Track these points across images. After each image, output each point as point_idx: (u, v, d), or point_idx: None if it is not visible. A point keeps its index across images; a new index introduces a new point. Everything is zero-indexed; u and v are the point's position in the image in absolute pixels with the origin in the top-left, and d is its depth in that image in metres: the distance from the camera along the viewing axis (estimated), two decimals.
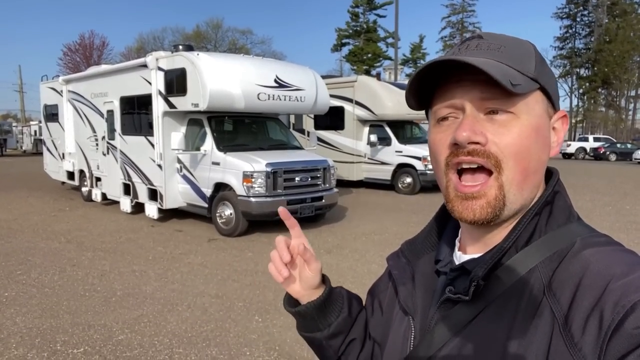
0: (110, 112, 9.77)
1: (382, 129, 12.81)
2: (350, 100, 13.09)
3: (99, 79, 10.25)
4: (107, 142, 10.00)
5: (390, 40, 46.22)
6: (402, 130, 13.15)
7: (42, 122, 14.13)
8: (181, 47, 8.41)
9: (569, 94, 53.83)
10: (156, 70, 8.20)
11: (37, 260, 6.16)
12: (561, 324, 0.56)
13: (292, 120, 13.82)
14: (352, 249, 6.73)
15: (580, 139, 33.12)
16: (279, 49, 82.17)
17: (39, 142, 27.52)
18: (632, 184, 14.89)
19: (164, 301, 4.69)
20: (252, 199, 7.20)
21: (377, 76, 13.97)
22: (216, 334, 3.94)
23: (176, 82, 7.88)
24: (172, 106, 8.07)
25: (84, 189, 11.19)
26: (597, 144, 31.19)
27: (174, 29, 60.73)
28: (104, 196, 10.45)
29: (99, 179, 10.60)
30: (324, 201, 8.02)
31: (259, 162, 7.32)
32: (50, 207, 10.32)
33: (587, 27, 53.27)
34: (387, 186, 12.87)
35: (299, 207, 7.56)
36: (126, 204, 9.40)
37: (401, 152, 12.46)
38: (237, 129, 8.89)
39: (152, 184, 8.69)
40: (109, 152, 10.02)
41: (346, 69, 51.36)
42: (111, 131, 9.81)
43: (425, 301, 0.75)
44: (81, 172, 11.37)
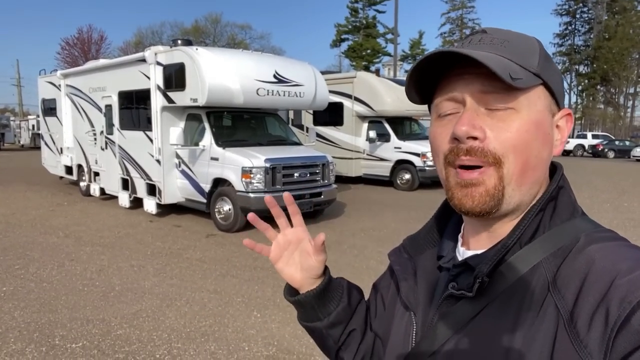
0: (108, 107, 9.74)
1: (381, 125, 12.80)
2: (349, 96, 13.07)
3: (97, 73, 10.21)
4: (106, 137, 9.97)
5: (389, 36, 46.10)
6: (401, 126, 13.14)
7: (40, 116, 14.07)
8: (180, 41, 8.35)
9: (568, 91, 53.81)
10: (155, 64, 8.16)
11: (36, 254, 6.15)
12: (566, 320, 0.55)
13: (291, 115, 13.79)
14: (350, 244, 6.73)
15: (578, 136, 33.13)
16: (278, 44, 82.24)
17: (37, 137, 27.49)
18: (630, 182, 14.91)
19: (162, 296, 4.69)
20: (251, 195, 7.19)
21: (376, 72, 13.94)
22: (215, 329, 3.95)
23: (175, 77, 7.85)
24: (170, 101, 8.04)
25: (82, 184, 11.17)
26: (595, 141, 31.23)
27: (173, 24, 60.62)
28: (102, 191, 10.44)
29: (97, 174, 10.58)
30: (322, 197, 8.01)
31: (257, 157, 7.31)
32: (48, 201, 10.30)
33: (586, 23, 53.28)
34: (386, 182, 12.87)
35: (298, 203, 7.49)
36: (124, 199, 9.39)
37: (400, 148, 12.46)
38: (236, 124, 8.86)
39: (150, 179, 8.67)
40: (107, 147, 9.99)
41: (345, 65, 51.35)
42: (109, 126, 9.78)
43: (427, 297, 0.74)
44: (79, 166, 11.34)
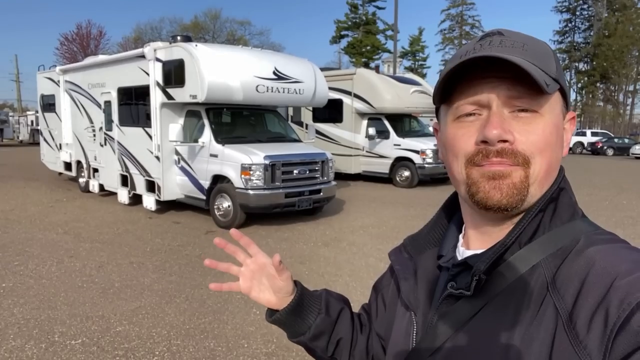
0: (107, 103, 9.72)
1: (381, 122, 12.79)
2: (349, 93, 13.05)
3: (97, 69, 10.19)
4: (105, 133, 9.95)
5: (389, 32, 46.05)
6: (401, 123, 13.13)
7: (39, 112, 14.05)
8: (179, 37, 8.32)
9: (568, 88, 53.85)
10: (154, 61, 8.14)
11: (35, 251, 6.15)
12: (565, 321, 0.55)
13: (291, 112, 13.78)
14: (349, 242, 6.74)
15: (578, 134, 33.12)
16: (278, 40, 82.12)
17: (36, 133, 27.38)
18: (629, 179, 14.93)
19: (161, 293, 4.70)
20: (250, 192, 7.19)
21: (376, 69, 13.95)
22: (214, 326, 3.96)
23: (174, 73, 7.83)
24: (170, 97, 8.03)
25: (81, 180, 11.16)
26: (594, 139, 31.23)
27: (172, 19, 60.22)
28: (101, 187, 10.43)
29: (96, 170, 10.57)
30: (322, 194, 8.01)
31: (257, 154, 7.31)
32: (47, 197, 10.29)
33: (586, 21, 53.25)
34: (385, 179, 12.87)
35: (297, 200, 7.56)
36: (124, 196, 9.38)
37: (399, 145, 12.46)
38: (236, 121, 8.85)
39: (149, 176, 8.67)
40: (106, 143, 9.97)
41: (345, 61, 51.26)
42: (108, 122, 9.76)
43: (427, 297, 0.75)
44: (78, 163, 11.33)
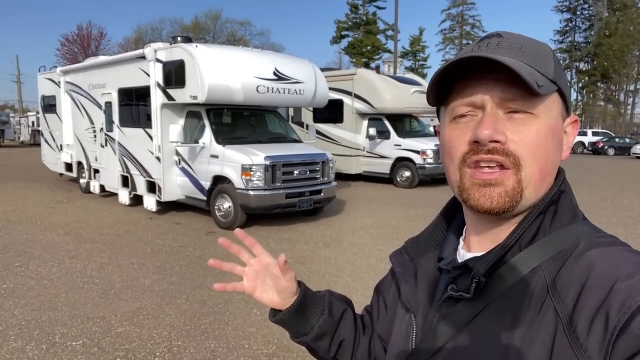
0: (108, 104, 9.73)
1: (382, 123, 12.79)
2: (349, 93, 13.05)
3: (97, 70, 10.20)
4: (106, 134, 9.96)
5: (390, 32, 46.05)
6: (402, 124, 13.12)
7: (40, 113, 14.07)
8: (180, 38, 8.33)
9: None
10: (155, 62, 8.15)
11: (36, 252, 6.15)
12: (565, 324, 0.55)
13: (291, 113, 13.78)
14: (350, 242, 6.73)
15: (579, 134, 32.93)
16: (278, 41, 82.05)
17: (37, 134, 27.42)
18: (630, 179, 14.91)
19: (162, 294, 4.70)
20: (251, 193, 7.19)
21: (377, 69, 13.94)
22: (215, 327, 3.96)
23: (175, 74, 7.83)
24: (170, 98, 8.03)
25: (83, 181, 11.17)
26: (595, 139, 31.19)
27: (173, 20, 60.22)
28: (102, 188, 10.44)
29: (97, 171, 10.58)
30: (322, 195, 8.01)
31: (258, 155, 7.31)
32: (48, 199, 10.30)
33: (587, 20, 53.20)
34: (386, 180, 12.86)
35: (298, 201, 7.56)
36: (125, 197, 9.39)
37: (400, 145, 12.45)
38: (236, 122, 8.85)
39: (150, 177, 8.67)
40: (107, 144, 9.98)
41: (345, 62, 51.28)
42: (109, 123, 9.77)
43: (427, 299, 0.75)
44: (79, 164, 11.34)
